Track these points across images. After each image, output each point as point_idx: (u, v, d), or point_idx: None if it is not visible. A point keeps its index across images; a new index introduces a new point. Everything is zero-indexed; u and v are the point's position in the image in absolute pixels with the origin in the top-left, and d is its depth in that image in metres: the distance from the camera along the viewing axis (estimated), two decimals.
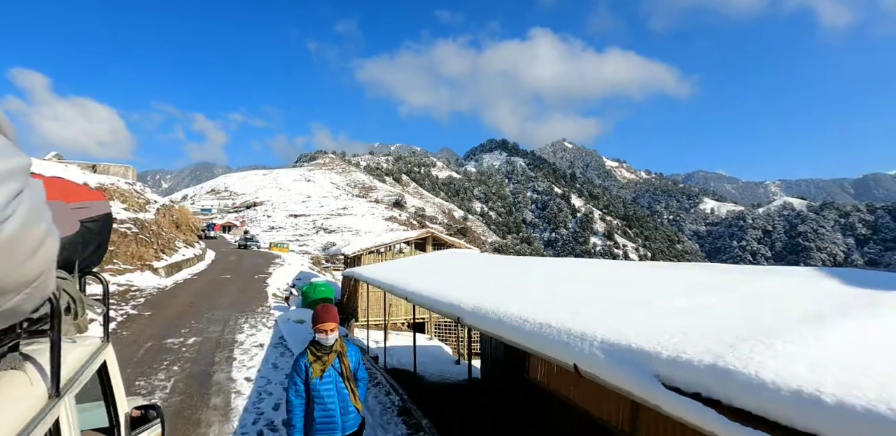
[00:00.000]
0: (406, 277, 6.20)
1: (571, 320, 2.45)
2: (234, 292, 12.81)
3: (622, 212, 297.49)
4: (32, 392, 0.96)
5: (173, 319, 9.07)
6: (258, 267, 18.49)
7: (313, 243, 79.42)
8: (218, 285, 13.58)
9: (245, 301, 11.39)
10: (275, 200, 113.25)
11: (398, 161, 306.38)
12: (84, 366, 1.36)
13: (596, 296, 3.21)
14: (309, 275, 17.30)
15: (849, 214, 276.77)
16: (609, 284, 3.80)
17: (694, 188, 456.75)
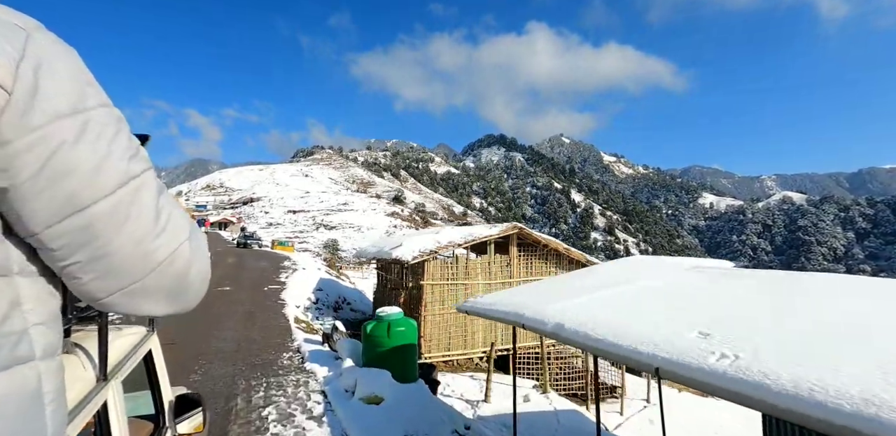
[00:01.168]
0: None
1: None
2: (239, 320, 8.76)
3: (622, 207, 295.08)
4: (82, 375, 1.00)
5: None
6: (265, 273, 14.68)
7: (313, 240, 75.51)
8: (213, 306, 9.60)
9: (257, 340, 7.36)
10: (272, 195, 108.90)
11: (396, 156, 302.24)
12: (130, 353, 1.41)
13: None
14: (332, 284, 13.50)
15: (849, 208, 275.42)
16: None
17: (692, 183, 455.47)
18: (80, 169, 0.51)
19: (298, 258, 20.49)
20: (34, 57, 0.49)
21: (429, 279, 9.54)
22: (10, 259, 0.50)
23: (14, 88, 0.46)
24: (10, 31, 0.49)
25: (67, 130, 0.50)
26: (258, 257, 20.91)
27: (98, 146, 0.53)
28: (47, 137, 0.49)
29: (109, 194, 0.53)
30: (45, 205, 0.50)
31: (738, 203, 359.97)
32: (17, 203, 0.49)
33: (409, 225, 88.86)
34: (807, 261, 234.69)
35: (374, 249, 10.84)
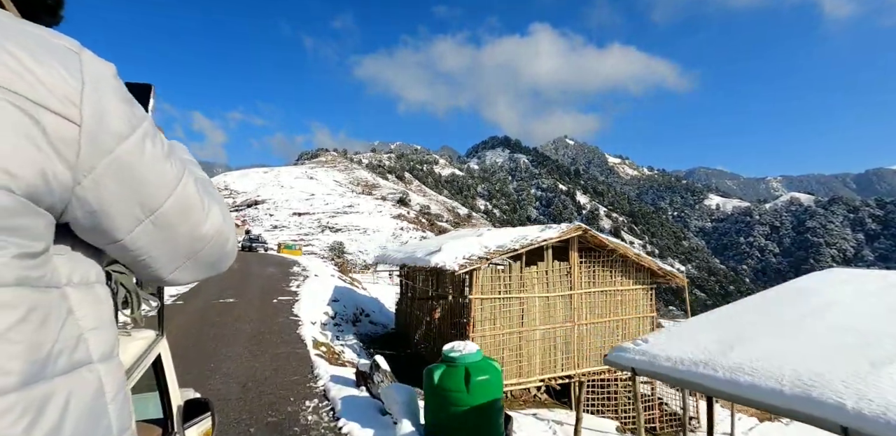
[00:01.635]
0: None
1: None
2: (245, 344, 7.17)
3: (627, 208, 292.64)
4: None
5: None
6: (274, 281, 12.98)
7: (319, 243, 74.10)
8: (215, 324, 8.12)
9: (269, 377, 5.69)
10: (277, 198, 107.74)
11: (400, 159, 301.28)
12: (140, 359, 1.43)
13: None
14: (348, 293, 11.90)
15: (858, 209, 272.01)
16: None
17: (697, 184, 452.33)
18: (149, 178, 0.58)
19: (308, 263, 18.83)
20: (91, 82, 0.52)
21: (478, 292, 7.74)
22: (59, 272, 0.54)
23: (83, 121, 0.50)
24: (67, 58, 0.51)
25: (133, 146, 0.55)
26: (264, 262, 19.38)
27: (156, 155, 0.59)
28: (120, 157, 0.54)
29: (171, 193, 0.61)
30: (127, 215, 0.57)
31: (745, 205, 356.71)
32: (103, 219, 0.56)
33: (415, 227, 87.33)
34: (816, 263, 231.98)
35: (400, 254, 9.19)
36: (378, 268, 42.49)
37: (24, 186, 0.47)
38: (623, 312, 9.17)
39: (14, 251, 0.47)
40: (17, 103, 0.45)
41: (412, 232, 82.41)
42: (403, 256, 8.96)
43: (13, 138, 0.45)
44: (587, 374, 8.24)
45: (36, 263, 0.49)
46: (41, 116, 0.47)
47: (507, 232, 8.73)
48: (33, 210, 0.49)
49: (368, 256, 72.80)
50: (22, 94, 0.45)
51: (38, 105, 0.47)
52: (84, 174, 0.51)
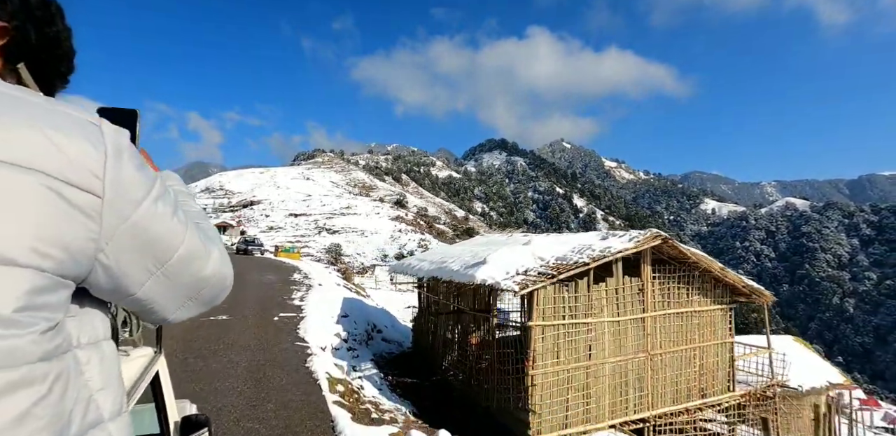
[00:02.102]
0: None
1: None
2: (240, 387, 5.49)
3: (624, 212, 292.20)
4: None
5: None
6: (273, 291, 11.17)
7: (315, 245, 72.36)
8: (198, 356, 6.40)
9: None
10: (273, 199, 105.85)
11: (397, 160, 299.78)
12: (139, 378, 1.46)
13: None
14: (357, 305, 10.31)
15: (853, 214, 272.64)
16: None
17: (693, 189, 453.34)
18: (160, 236, 0.62)
19: (309, 269, 16.94)
20: (113, 155, 0.56)
21: (539, 317, 5.89)
22: (70, 335, 0.57)
23: (105, 192, 0.54)
24: (91, 132, 0.54)
25: (146, 210, 0.60)
26: (262, 268, 17.52)
27: (165, 213, 0.63)
28: (136, 221, 0.59)
29: (180, 245, 0.65)
30: (142, 271, 0.62)
31: (741, 209, 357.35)
32: (122, 279, 0.60)
33: (413, 229, 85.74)
34: (811, 268, 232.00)
35: (427, 264, 7.56)
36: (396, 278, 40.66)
37: (54, 263, 0.50)
38: (700, 338, 7.51)
39: (43, 327, 0.49)
40: (47, 184, 0.48)
41: (411, 234, 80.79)
42: (432, 267, 7.36)
43: (43, 218, 0.47)
44: (662, 416, 6.64)
45: (55, 332, 0.52)
46: (69, 193, 0.50)
47: (559, 240, 7.14)
48: (61, 284, 0.52)
49: (366, 258, 71.06)
50: (51, 175, 0.48)
51: (67, 183, 0.50)
52: (106, 242, 0.55)
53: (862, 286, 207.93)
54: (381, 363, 8.55)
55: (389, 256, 72.17)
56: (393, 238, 77.73)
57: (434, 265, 7.39)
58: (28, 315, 0.48)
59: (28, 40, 0.63)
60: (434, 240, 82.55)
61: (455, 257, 7.09)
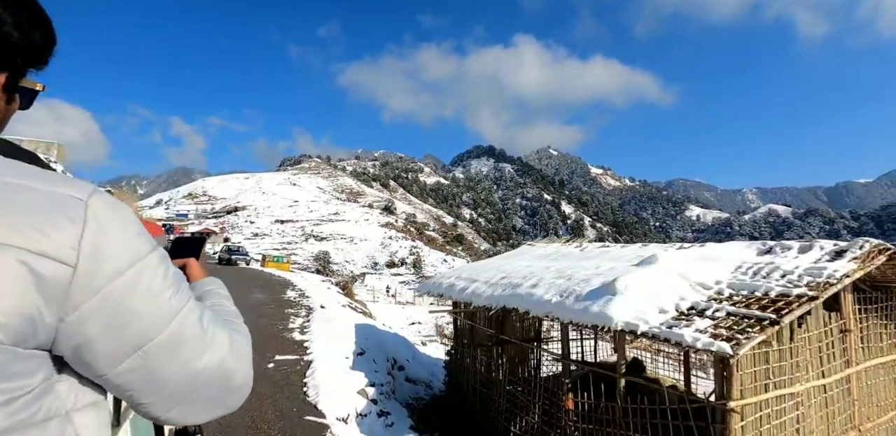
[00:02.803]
0: None
1: None
2: None
3: (611, 218, 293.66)
4: None
5: None
6: (265, 318, 8.65)
7: (303, 252, 69.75)
8: None
9: None
10: (258, 204, 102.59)
11: (385, 166, 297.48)
12: None
13: None
14: (369, 333, 8.14)
15: (833, 220, 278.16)
16: None
17: (678, 195, 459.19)
18: (139, 315, 0.58)
19: (304, 283, 14.51)
20: (93, 227, 0.55)
21: (738, 391, 3.33)
22: (62, 399, 0.56)
23: (78, 262, 0.52)
24: (69, 206, 0.54)
25: (126, 283, 0.57)
26: (248, 283, 14.67)
27: (152, 290, 0.59)
28: (111, 294, 0.55)
29: (163, 330, 0.60)
30: (112, 350, 0.57)
31: (725, 216, 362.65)
32: (87, 354, 0.56)
33: (404, 236, 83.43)
34: None
35: (487, 288, 5.00)
36: (423, 301, 37.60)
37: (11, 333, 0.49)
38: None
39: (1, 399, 0.48)
40: (20, 257, 0.49)
41: (401, 241, 78.55)
42: (496, 291, 5.00)
43: (7, 290, 0.48)
44: None
45: (27, 400, 0.51)
46: (40, 264, 0.50)
47: (692, 255, 4.90)
48: (19, 354, 0.50)
49: (356, 266, 68.61)
50: (25, 248, 0.49)
51: (41, 255, 0.50)
52: (69, 312, 0.53)
53: None
54: (409, 410, 6.49)
55: (380, 264, 69.77)
56: (383, 245, 75.42)
57: (497, 289, 5.27)
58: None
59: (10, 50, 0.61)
60: (426, 247, 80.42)
61: (527, 277, 5.09)
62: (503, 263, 6.93)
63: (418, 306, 26.34)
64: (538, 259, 6.50)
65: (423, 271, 68.21)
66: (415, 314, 22.59)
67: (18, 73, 0.63)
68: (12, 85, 0.63)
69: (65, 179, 0.59)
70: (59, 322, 0.53)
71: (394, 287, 41.90)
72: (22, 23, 0.61)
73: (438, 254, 77.65)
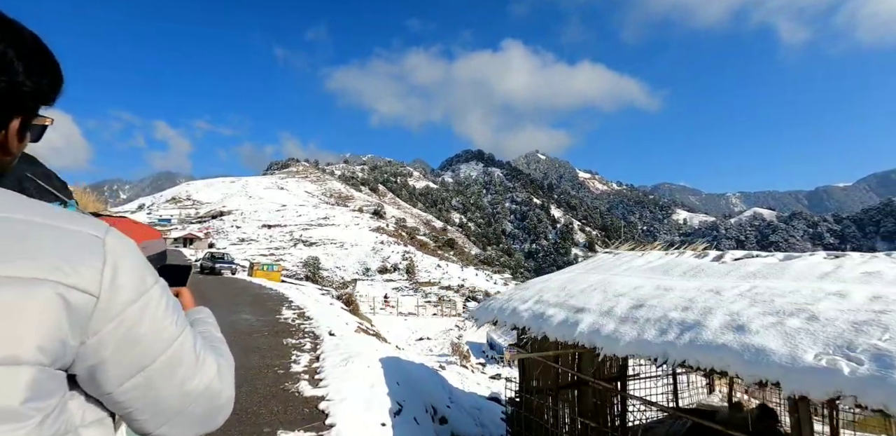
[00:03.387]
0: None
1: None
2: None
3: (600, 222, 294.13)
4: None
5: None
6: (257, 351, 6.42)
7: (291, 258, 67.19)
8: None
9: None
10: (244, 209, 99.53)
11: (374, 170, 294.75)
12: None
13: None
14: (401, 371, 6.18)
15: (817, 224, 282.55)
16: None
17: (664, 199, 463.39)
18: (145, 339, 0.66)
19: (301, 299, 12.32)
20: (111, 262, 0.63)
21: None
22: (73, 416, 0.63)
23: (101, 293, 0.61)
24: (92, 243, 0.63)
25: (135, 312, 0.65)
26: (235, 298, 12.29)
27: (156, 318, 0.67)
28: (123, 321, 0.63)
29: (164, 353, 0.67)
30: (119, 371, 0.64)
31: (711, 219, 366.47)
32: (99, 374, 0.63)
33: (396, 241, 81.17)
34: None
35: (660, 333, 3.34)
36: (427, 308, 35.21)
37: (50, 355, 0.57)
38: None
39: (38, 418, 0.55)
40: (57, 290, 0.57)
41: (393, 246, 76.28)
42: (653, 334, 3.14)
43: (48, 319, 0.56)
44: None
45: (54, 417, 0.58)
46: (72, 295, 0.59)
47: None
48: (54, 375, 0.59)
49: (346, 272, 66.17)
50: (59, 282, 0.57)
51: (70, 286, 0.58)
52: (90, 336, 0.61)
53: None
54: None
55: (372, 270, 67.43)
56: (375, 250, 73.08)
57: (649, 328, 3.17)
58: (30, 407, 0.54)
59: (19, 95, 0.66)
60: (418, 252, 78.25)
61: (687, 309, 3.19)
62: (600, 279, 5.00)
63: (421, 318, 24.14)
64: (659, 275, 4.60)
65: (417, 277, 66.07)
66: (421, 328, 20.38)
67: (31, 116, 0.69)
68: (25, 126, 0.68)
69: (83, 218, 0.67)
70: (81, 345, 0.60)
71: (392, 295, 39.66)
72: (33, 71, 0.65)
73: (432, 259, 75.54)
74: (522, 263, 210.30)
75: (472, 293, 59.79)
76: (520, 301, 5.16)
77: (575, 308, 4.32)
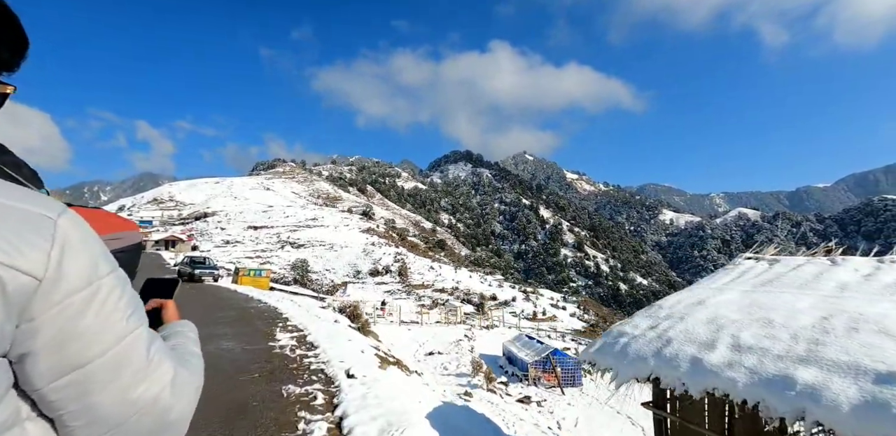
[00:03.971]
0: None
1: None
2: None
3: (588, 223, 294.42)
4: None
5: None
6: (241, 414, 4.10)
7: (279, 260, 64.56)
8: None
9: None
10: (230, 210, 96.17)
11: (362, 171, 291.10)
12: None
13: None
14: (449, 419, 4.26)
15: (800, 223, 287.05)
16: None
17: (650, 200, 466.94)
18: (86, 333, 0.59)
19: (300, 316, 10.05)
20: (60, 244, 0.58)
21: None
22: (19, 408, 0.58)
23: (44, 276, 0.56)
24: (41, 223, 0.58)
25: (80, 301, 0.59)
26: (214, 315, 10.19)
27: (103, 310, 0.60)
28: (64, 309, 0.57)
29: (108, 351, 0.60)
30: (51, 365, 0.57)
31: (697, 219, 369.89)
32: (29, 365, 0.57)
33: (387, 243, 78.77)
34: None
35: None
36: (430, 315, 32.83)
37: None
38: None
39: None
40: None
41: (385, 247, 73.86)
42: None
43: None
44: None
45: (3, 406, 0.54)
46: (9, 275, 0.53)
47: None
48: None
49: (336, 275, 63.66)
50: (1, 262, 0.52)
51: (9, 266, 0.53)
52: (25, 321, 0.55)
53: None
54: None
55: (363, 272, 65.01)
56: (366, 252, 70.64)
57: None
58: None
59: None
60: (410, 254, 75.99)
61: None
62: (769, 302, 2.98)
63: (426, 327, 21.96)
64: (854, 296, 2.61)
65: (410, 280, 63.85)
66: (427, 339, 18.21)
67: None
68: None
69: (37, 197, 0.61)
70: (15, 328, 0.55)
71: (389, 301, 37.33)
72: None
73: (424, 261, 73.37)
74: (512, 263, 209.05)
75: (468, 296, 57.84)
76: (659, 339, 3.13)
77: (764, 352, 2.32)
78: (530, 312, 56.94)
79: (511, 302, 59.56)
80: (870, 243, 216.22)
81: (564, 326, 52.42)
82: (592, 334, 53.79)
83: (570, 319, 60.39)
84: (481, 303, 56.12)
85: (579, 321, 60.09)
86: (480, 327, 25.91)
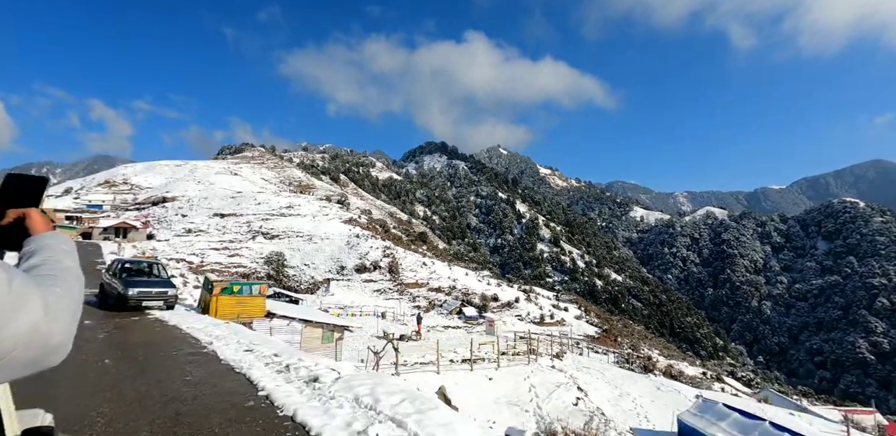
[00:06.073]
0: None
1: None
2: None
3: (563, 218, 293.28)
4: None
5: None
6: None
7: (249, 253, 56.43)
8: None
9: None
10: (192, 195, 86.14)
11: (335, 160, 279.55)
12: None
13: None
14: None
15: (765, 223, 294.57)
16: None
17: (620, 197, 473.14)
18: None
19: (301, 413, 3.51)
20: None
21: None
22: None
23: None
24: None
25: None
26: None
27: None
28: None
29: None
30: None
31: (667, 217, 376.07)
32: None
33: (372, 235, 71.25)
34: (732, 272, 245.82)
35: None
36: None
37: None
38: None
39: None
40: None
41: (371, 240, 66.49)
42: None
43: None
44: None
45: None
46: None
47: None
48: None
49: (317, 270, 56.16)
50: None
51: None
52: None
53: (776, 290, 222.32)
54: None
55: (348, 268, 57.68)
56: (350, 245, 63.17)
57: None
58: None
59: None
60: (399, 248, 69.09)
61: None
62: None
63: (511, 371, 14.15)
64: None
65: (402, 277, 56.77)
66: (507, 394, 11.27)
67: None
68: None
69: None
70: None
71: (419, 315, 29.77)
72: None
73: (415, 256, 66.40)
74: (488, 258, 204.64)
75: (467, 296, 51.68)
76: None
77: None
78: (536, 315, 51.13)
79: (514, 303, 53.54)
80: (829, 244, 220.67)
81: (574, 330, 46.82)
82: (609, 342, 48.39)
83: (577, 322, 54.97)
84: (483, 305, 49.80)
85: (589, 326, 54.64)
86: (548, 354, 19.45)
